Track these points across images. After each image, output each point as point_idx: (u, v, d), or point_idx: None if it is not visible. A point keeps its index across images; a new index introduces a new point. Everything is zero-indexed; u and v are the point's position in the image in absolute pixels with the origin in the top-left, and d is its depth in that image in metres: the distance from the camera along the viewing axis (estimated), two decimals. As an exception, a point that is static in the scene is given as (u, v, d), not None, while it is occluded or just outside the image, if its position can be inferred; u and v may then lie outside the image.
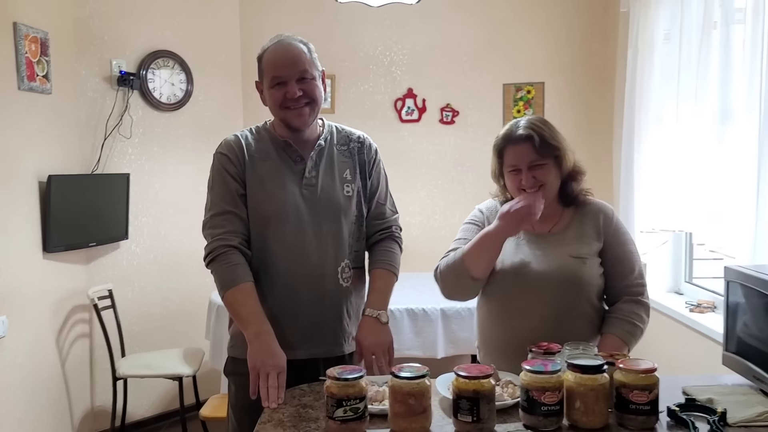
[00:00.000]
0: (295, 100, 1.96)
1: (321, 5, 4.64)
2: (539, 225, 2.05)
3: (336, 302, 2.03)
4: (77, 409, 3.85)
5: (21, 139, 3.32)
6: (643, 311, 2.01)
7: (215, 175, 2.03)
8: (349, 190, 2.08)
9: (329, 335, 2.02)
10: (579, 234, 2.04)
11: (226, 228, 1.96)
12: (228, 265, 1.92)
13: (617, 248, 2.04)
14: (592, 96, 4.69)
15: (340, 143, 2.12)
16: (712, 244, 3.04)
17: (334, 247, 2.03)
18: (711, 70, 3.10)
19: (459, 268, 2.00)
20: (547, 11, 4.72)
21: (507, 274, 2.02)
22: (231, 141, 2.05)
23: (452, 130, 4.80)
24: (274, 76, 1.97)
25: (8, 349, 3.22)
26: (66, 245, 3.64)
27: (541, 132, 1.99)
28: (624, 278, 2.03)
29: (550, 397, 1.52)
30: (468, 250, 1.99)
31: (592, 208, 2.09)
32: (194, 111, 4.28)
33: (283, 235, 1.98)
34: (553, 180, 2.01)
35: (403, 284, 4.15)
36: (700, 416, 1.59)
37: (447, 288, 2.08)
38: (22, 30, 3.28)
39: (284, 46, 2.00)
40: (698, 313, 3.34)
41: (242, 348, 1.92)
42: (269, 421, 1.64)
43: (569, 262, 1.98)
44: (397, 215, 2.27)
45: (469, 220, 2.22)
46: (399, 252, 2.22)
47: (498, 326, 2.07)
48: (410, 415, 1.53)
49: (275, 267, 1.98)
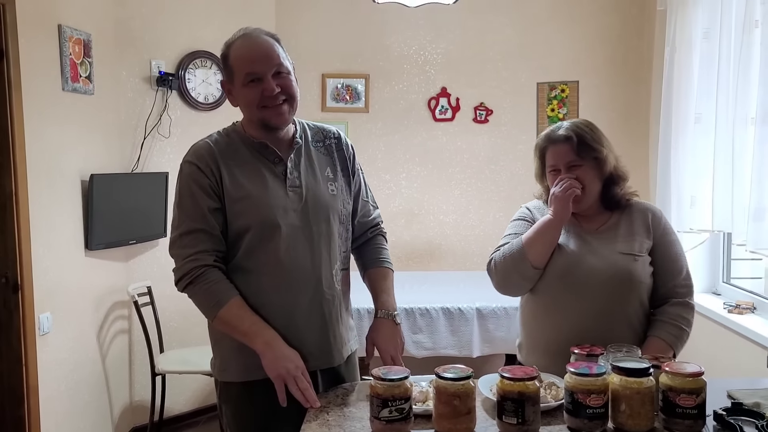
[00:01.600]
0: (273, 98, 1.81)
1: (356, 5, 4.67)
2: (587, 224, 2.06)
3: (335, 308, 1.94)
4: (117, 403, 3.93)
5: (65, 139, 3.40)
6: (691, 315, 2.01)
7: (183, 189, 1.86)
8: (333, 188, 1.96)
9: (331, 343, 1.93)
10: (629, 231, 2.03)
11: (197, 248, 1.80)
12: (209, 284, 1.80)
13: (666, 248, 2.04)
14: (627, 95, 4.66)
15: (315, 140, 2.00)
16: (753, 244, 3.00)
17: (327, 251, 1.91)
18: (752, 69, 3.06)
19: (518, 257, 2.01)
20: (582, 9, 4.69)
21: (555, 269, 2.01)
22: (200, 147, 1.88)
23: (486, 129, 4.80)
24: (248, 72, 1.81)
25: (52, 345, 3.29)
26: (107, 243, 3.70)
27: (582, 133, 2.01)
28: (672, 279, 2.03)
29: (595, 400, 1.52)
30: (527, 238, 2.01)
31: (639, 207, 2.09)
32: (231, 111, 4.25)
33: (273, 243, 1.83)
34: (592, 182, 2.02)
35: (439, 283, 4.24)
36: (748, 420, 1.58)
37: (503, 279, 2.08)
38: (66, 32, 3.35)
39: (254, 40, 1.85)
40: (737, 314, 3.31)
41: (237, 371, 1.87)
42: (314, 420, 1.67)
43: (619, 258, 1.98)
44: (378, 209, 2.17)
45: (518, 216, 2.22)
46: (387, 246, 2.16)
47: (542, 323, 2.07)
48: (455, 416, 1.54)
49: (269, 278, 1.85)
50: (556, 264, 2.01)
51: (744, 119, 3.13)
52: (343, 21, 4.73)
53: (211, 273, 1.81)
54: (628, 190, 2.10)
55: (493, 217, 4.80)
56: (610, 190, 2.07)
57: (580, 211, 2.05)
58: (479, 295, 3.71)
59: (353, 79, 4.76)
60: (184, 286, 1.84)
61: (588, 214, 2.08)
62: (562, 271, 2.01)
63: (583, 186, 1.99)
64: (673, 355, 1.95)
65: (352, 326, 2.08)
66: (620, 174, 2.08)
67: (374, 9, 4.41)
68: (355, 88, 4.76)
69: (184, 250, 1.82)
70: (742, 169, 3.13)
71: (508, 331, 3.52)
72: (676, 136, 3.77)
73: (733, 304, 3.38)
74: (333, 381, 1.96)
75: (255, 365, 1.79)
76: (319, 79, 4.74)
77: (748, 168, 3.07)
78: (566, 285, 2.00)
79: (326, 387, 1.92)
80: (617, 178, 2.07)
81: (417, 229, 4.83)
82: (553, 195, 1.98)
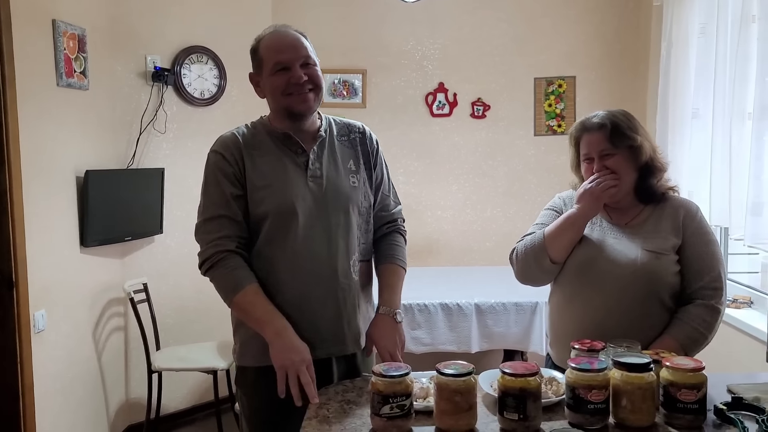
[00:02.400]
0: (299, 86, 1.88)
1: (353, 0, 4.65)
2: (616, 216, 2.04)
3: (351, 297, 1.96)
4: (113, 401, 3.91)
5: (59, 135, 3.37)
6: (714, 318, 1.93)
7: (209, 177, 1.94)
8: (355, 180, 1.99)
9: (346, 332, 1.95)
10: (656, 228, 1.99)
11: (221, 233, 1.88)
12: (228, 270, 1.86)
13: (697, 247, 1.97)
14: (624, 90, 4.66)
15: (340, 134, 2.05)
16: (750, 239, 3.01)
17: (345, 241, 1.95)
18: (749, 63, 3.07)
19: (539, 250, 2.01)
20: (578, 5, 4.69)
21: (578, 262, 2.00)
22: (226, 138, 1.97)
23: (483, 124, 4.79)
24: (276, 61, 1.89)
25: (47, 342, 3.27)
26: (102, 239, 3.68)
27: (617, 121, 1.98)
28: (700, 279, 1.95)
29: (596, 395, 1.52)
30: (549, 231, 2.00)
31: (673, 203, 2.04)
32: (227, 106, 4.30)
33: (291, 231, 1.88)
34: (626, 171, 1.98)
35: (436, 278, 4.23)
36: (748, 415, 1.57)
37: (524, 270, 2.08)
38: (60, 27, 3.32)
39: (283, 33, 1.93)
40: (734, 309, 3.31)
41: (253, 356, 1.90)
42: (315, 417, 1.66)
43: (642, 255, 1.94)
44: (400, 206, 2.20)
45: (549, 206, 2.19)
46: (405, 245, 2.17)
47: (563, 315, 2.05)
48: (456, 413, 1.53)
49: (286, 265, 1.89)
50: (577, 257, 2.00)
51: (741, 114, 3.13)
52: (340, 16, 4.71)
53: (232, 259, 1.87)
54: (666, 183, 2.05)
55: (491, 212, 4.80)
56: (646, 181, 2.02)
57: (612, 203, 2.02)
58: (477, 290, 3.71)
59: (350, 74, 4.74)
60: (206, 269, 1.90)
61: (620, 206, 2.04)
62: (581, 264, 1.99)
63: (617, 176, 1.96)
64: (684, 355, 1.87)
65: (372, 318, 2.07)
66: (657, 165, 2.03)
67: (371, 4, 4.41)
68: (353, 83, 4.75)
69: (208, 236, 1.90)
70: (740, 164, 3.14)
71: (506, 326, 3.51)
72: (673, 131, 3.77)
73: (731, 299, 3.38)
74: (348, 370, 1.97)
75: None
76: (315, 75, 4.71)
77: (745, 163, 3.07)
78: (585, 278, 1.98)
79: (341, 376, 1.94)
80: (654, 169, 2.02)
81: (415, 224, 4.79)
82: (585, 190, 1.96)
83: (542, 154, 4.75)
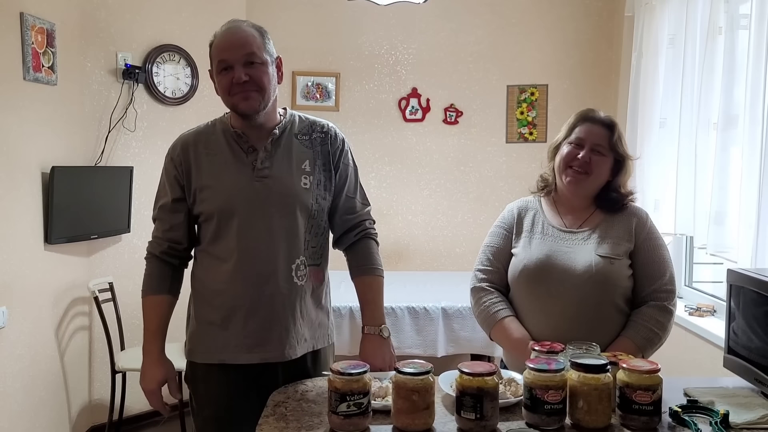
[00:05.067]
0: (240, 85, 1.84)
1: (327, 3, 4.66)
2: (569, 220, 2.07)
3: (290, 302, 1.91)
4: (75, 401, 3.85)
5: (25, 130, 3.32)
6: (666, 319, 1.98)
7: (160, 177, 2.03)
8: (307, 182, 1.94)
9: (283, 337, 1.90)
10: (607, 234, 2.02)
11: (156, 233, 2.02)
12: (146, 273, 2.02)
13: (649, 252, 2.02)
14: (595, 99, 4.69)
15: (301, 132, 1.99)
16: (713, 247, 3.05)
17: (287, 243, 1.90)
18: (715, 75, 3.11)
19: (485, 326, 2.12)
20: (553, 14, 4.73)
21: (534, 272, 2.01)
22: (179, 138, 2.00)
23: (456, 130, 4.81)
24: (219, 60, 1.87)
25: (8, 340, 3.22)
26: (68, 237, 3.63)
27: (620, 132, 2.05)
28: (653, 282, 2.00)
29: (553, 396, 1.52)
30: (496, 334, 2.09)
31: (627, 211, 2.08)
32: (199, 106, 4.27)
33: (231, 231, 1.88)
34: (602, 174, 2.04)
35: (405, 282, 4.22)
36: (702, 417, 1.59)
37: (477, 319, 2.18)
38: (28, 20, 3.28)
39: (232, 30, 1.89)
40: (698, 317, 3.35)
41: (201, 352, 1.97)
42: (272, 415, 1.65)
43: (597, 261, 1.97)
44: (368, 207, 2.15)
45: (498, 223, 2.21)
46: (377, 249, 2.14)
47: (526, 324, 2.05)
48: (413, 412, 1.53)
49: (225, 264, 1.89)
50: (532, 267, 2.02)
51: (707, 124, 3.17)
52: (314, 18, 4.71)
53: (150, 263, 2.03)
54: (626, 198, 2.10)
55: (462, 218, 4.81)
56: (608, 194, 2.07)
57: (575, 193, 2.05)
58: (445, 294, 3.72)
59: (324, 77, 4.74)
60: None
61: (577, 204, 2.09)
62: (538, 274, 2.01)
63: (591, 173, 2.01)
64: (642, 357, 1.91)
65: (323, 324, 2.04)
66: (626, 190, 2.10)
67: (346, 7, 4.40)
68: (326, 86, 4.74)
69: (152, 233, 2.03)
70: (704, 173, 3.18)
71: (473, 330, 3.51)
72: (641, 140, 3.81)
73: (695, 307, 3.42)
74: (295, 376, 1.93)
75: (216, 349, 1.90)
76: (289, 77, 4.70)
77: (710, 172, 3.11)
78: (543, 287, 2.00)
79: (286, 381, 1.90)
80: (621, 187, 2.08)
81: (385, 229, 4.79)
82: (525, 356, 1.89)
83: (513, 161, 4.78)
